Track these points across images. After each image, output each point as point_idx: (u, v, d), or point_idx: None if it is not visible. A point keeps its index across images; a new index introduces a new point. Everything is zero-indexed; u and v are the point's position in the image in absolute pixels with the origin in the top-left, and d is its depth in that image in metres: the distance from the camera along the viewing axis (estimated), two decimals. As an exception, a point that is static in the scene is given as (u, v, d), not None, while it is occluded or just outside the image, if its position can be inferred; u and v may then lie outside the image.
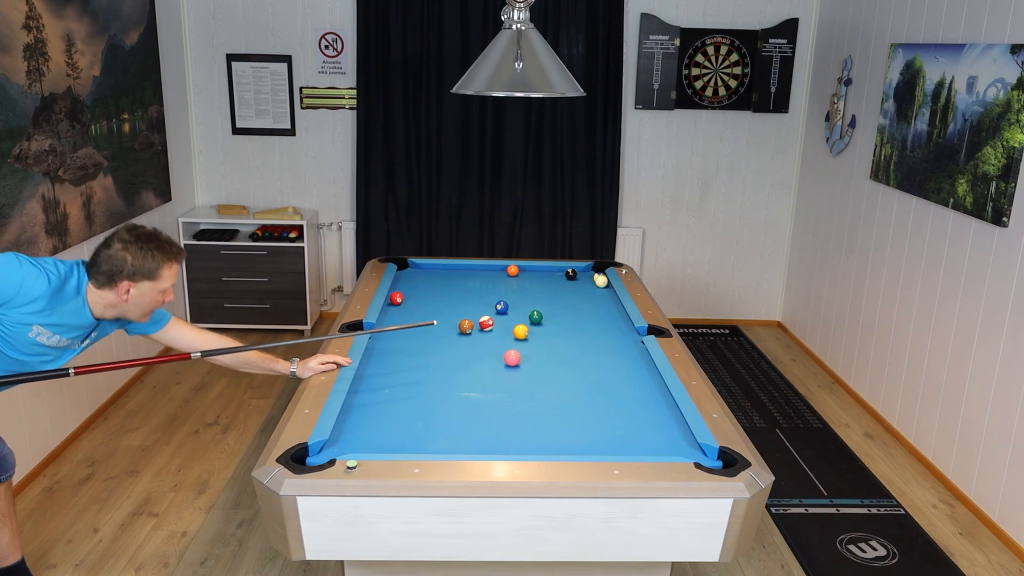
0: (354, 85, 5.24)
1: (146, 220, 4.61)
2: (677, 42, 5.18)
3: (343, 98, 5.28)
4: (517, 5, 2.89)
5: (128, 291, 2.32)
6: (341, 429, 2.29)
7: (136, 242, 2.31)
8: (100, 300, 2.33)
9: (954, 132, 3.65)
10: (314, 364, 2.65)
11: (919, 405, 3.96)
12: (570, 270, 3.70)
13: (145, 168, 4.58)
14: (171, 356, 2.49)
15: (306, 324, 5.26)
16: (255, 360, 2.69)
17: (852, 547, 3.20)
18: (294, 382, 4.59)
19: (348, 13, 5.14)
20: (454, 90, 3.00)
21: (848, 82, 4.73)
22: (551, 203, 5.41)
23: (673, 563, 2.65)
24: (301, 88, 5.25)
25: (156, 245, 2.34)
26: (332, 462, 2.04)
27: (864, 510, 3.47)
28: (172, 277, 2.38)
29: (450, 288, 3.65)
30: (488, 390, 2.59)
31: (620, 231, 5.48)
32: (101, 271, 2.30)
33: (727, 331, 5.61)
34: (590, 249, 5.48)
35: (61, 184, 3.68)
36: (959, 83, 3.62)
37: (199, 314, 5.21)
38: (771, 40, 5.20)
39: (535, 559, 2.06)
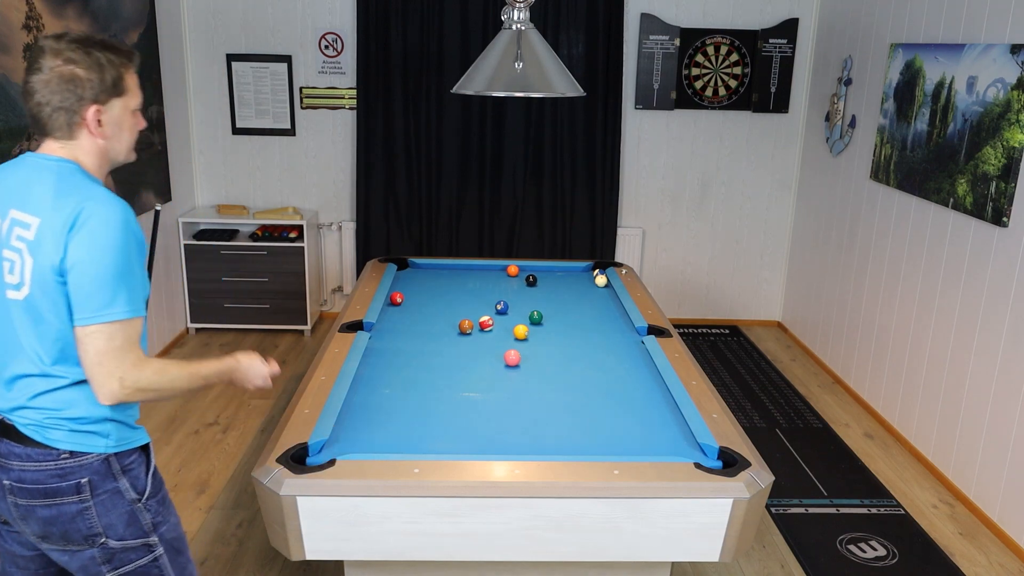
0: (354, 85, 5.24)
1: (146, 220, 4.62)
2: (677, 42, 5.18)
3: (343, 98, 5.28)
4: (517, 5, 2.89)
5: (100, 120, 1.71)
6: (341, 429, 2.29)
7: (79, 49, 1.67)
8: (84, 157, 1.73)
9: (954, 132, 3.65)
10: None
11: (919, 405, 3.96)
12: (530, 276, 3.73)
13: (145, 168, 4.58)
14: None
15: (306, 324, 5.26)
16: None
17: (852, 547, 3.20)
18: (294, 381, 4.59)
19: (348, 13, 5.14)
20: (454, 90, 3.00)
21: (848, 82, 4.73)
22: (551, 203, 5.41)
23: (673, 563, 2.65)
24: (301, 88, 5.25)
25: (103, 46, 1.70)
26: (332, 462, 2.04)
27: (864, 510, 3.47)
28: (137, 90, 1.78)
29: (450, 288, 3.65)
30: (488, 390, 2.59)
31: (620, 231, 5.48)
32: (56, 108, 1.67)
33: (727, 331, 5.61)
34: (590, 249, 5.48)
35: (61, 184, 3.68)
36: (959, 83, 3.62)
37: (199, 314, 5.21)
38: (771, 40, 5.20)
39: (535, 559, 2.06)
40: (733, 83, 5.26)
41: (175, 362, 1.75)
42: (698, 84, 5.25)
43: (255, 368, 1.94)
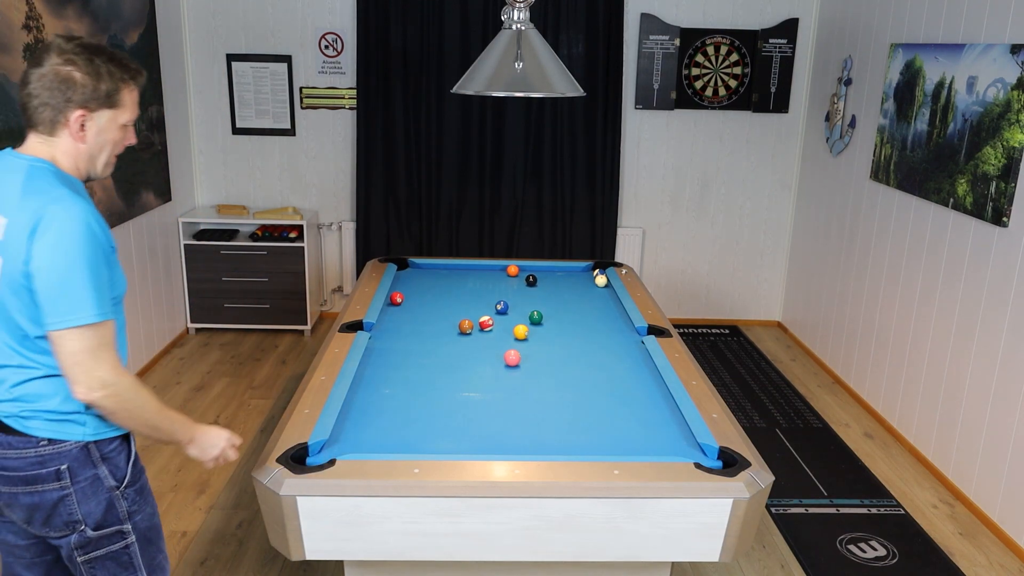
0: (354, 85, 5.24)
1: (146, 220, 4.62)
2: (677, 42, 5.18)
3: (343, 98, 5.28)
4: (517, 5, 2.89)
5: (83, 125, 1.70)
6: (341, 429, 2.29)
7: (83, 54, 1.68)
8: (62, 156, 1.74)
9: (954, 132, 3.65)
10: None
11: (919, 405, 3.96)
12: (530, 276, 3.74)
13: (145, 168, 4.58)
14: None
15: (306, 324, 5.26)
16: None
17: (852, 547, 3.20)
18: (295, 381, 4.59)
19: (348, 13, 5.14)
20: (454, 90, 3.00)
21: (848, 82, 4.73)
22: (551, 203, 5.41)
23: (673, 563, 2.65)
24: (301, 88, 5.25)
25: (109, 58, 1.71)
26: (332, 462, 2.04)
27: (864, 510, 3.47)
28: (134, 107, 1.77)
29: (450, 288, 3.65)
30: (488, 390, 2.59)
31: (620, 231, 5.48)
32: (43, 103, 1.67)
33: (727, 331, 5.61)
34: (590, 249, 5.48)
35: (61, 184, 3.68)
36: (959, 83, 3.62)
37: (199, 314, 5.21)
38: (771, 40, 5.20)
39: (535, 559, 2.06)
40: (733, 83, 5.25)
41: (150, 391, 1.79)
42: (698, 84, 5.25)
43: (214, 445, 1.95)
